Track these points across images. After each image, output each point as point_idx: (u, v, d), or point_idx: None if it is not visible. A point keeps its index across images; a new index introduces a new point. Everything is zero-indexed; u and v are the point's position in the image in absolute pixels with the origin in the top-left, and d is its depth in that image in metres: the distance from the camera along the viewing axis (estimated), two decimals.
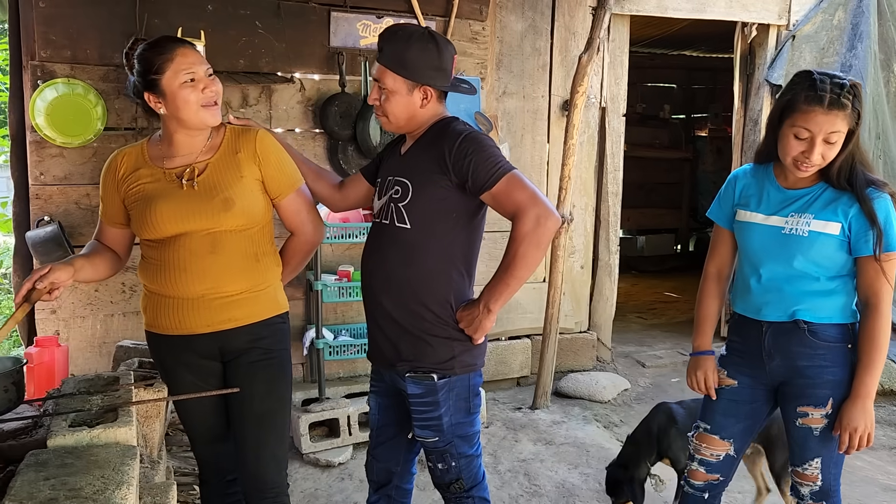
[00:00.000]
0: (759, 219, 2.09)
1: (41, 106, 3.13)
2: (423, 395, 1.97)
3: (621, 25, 4.56)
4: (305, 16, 3.66)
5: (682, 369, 4.87)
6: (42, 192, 3.28)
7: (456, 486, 2.05)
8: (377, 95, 1.95)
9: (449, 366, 1.96)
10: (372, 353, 2.12)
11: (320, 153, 3.80)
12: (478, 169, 1.85)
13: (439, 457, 2.04)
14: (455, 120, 1.99)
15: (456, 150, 1.87)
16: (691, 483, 2.29)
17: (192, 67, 1.90)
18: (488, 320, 1.92)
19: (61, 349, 2.59)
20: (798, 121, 1.93)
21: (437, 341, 1.96)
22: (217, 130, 2.03)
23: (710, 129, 9.02)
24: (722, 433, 2.21)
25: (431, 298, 1.95)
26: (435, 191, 1.91)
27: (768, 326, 2.08)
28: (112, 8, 3.27)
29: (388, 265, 1.97)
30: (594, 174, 4.65)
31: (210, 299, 1.97)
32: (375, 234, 2.05)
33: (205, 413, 2.12)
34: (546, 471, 3.37)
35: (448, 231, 1.95)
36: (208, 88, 1.92)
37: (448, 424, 1.99)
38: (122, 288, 3.47)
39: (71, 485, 1.43)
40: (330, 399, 3.66)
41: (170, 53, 1.89)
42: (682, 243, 9.12)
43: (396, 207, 1.95)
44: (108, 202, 2.04)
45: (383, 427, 2.16)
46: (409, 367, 1.97)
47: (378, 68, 1.93)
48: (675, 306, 6.74)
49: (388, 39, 1.92)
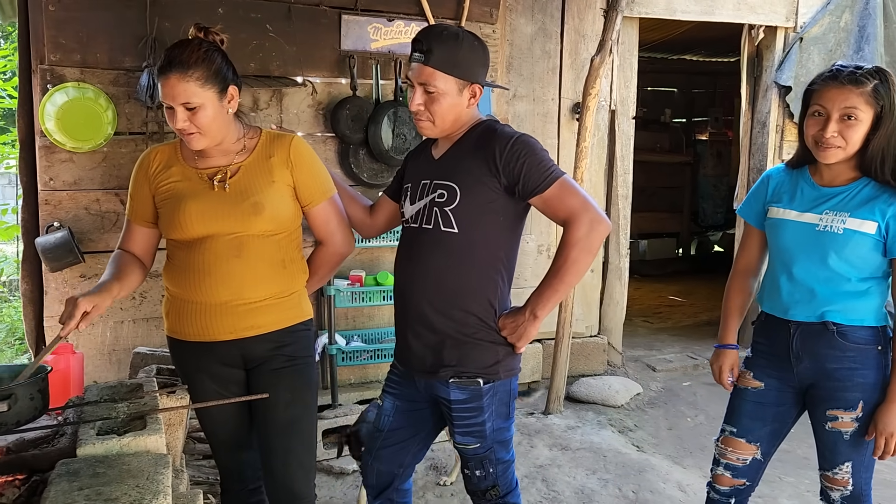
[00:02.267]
0: (793, 216, 2.05)
1: (51, 110, 3.09)
2: (468, 401, 1.92)
3: (630, 28, 4.55)
4: (316, 19, 3.63)
5: (692, 373, 4.87)
6: (51, 198, 3.24)
7: (492, 492, 2.00)
8: (422, 100, 1.87)
9: (493, 370, 1.92)
10: (406, 361, 2.04)
11: (331, 157, 3.77)
12: (530, 172, 1.83)
13: (478, 464, 1.99)
14: (497, 122, 1.97)
15: (508, 152, 1.83)
16: (717, 489, 2.24)
17: (167, 100, 1.83)
18: (534, 327, 1.89)
19: (76, 357, 2.53)
20: (814, 99, 1.95)
21: (481, 346, 1.91)
22: (252, 133, 2.00)
23: (710, 132, 9.06)
24: (749, 436, 2.17)
25: (477, 303, 1.91)
26: (484, 193, 1.86)
27: (796, 327, 2.04)
28: (122, 11, 3.24)
29: (434, 270, 1.91)
30: (604, 177, 4.64)
31: (233, 306, 1.93)
32: (412, 238, 1.98)
33: (228, 421, 2.08)
34: (564, 476, 3.33)
35: (494, 235, 1.91)
36: (176, 122, 1.83)
37: (490, 430, 1.95)
38: (132, 295, 3.42)
39: (106, 495, 1.39)
40: (342, 405, 3.62)
41: (161, 75, 1.83)
42: (684, 247, 9.12)
43: (442, 211, 1.89)
44: (137, 199, 2.00)
45: (396, 430, 2.11)
46: (452, 372, 1.91)
47: (426, 71, 1.84)
48: (680, 310, 6.73)
49: (436, 40, 1.84)
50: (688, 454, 3.65)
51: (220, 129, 1.89)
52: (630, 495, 3.16)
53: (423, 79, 1.85)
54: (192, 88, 1.80)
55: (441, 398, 1.96)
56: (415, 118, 1.92)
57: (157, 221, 2.00)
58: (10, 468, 1.71)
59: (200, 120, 1.83)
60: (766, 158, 4.96)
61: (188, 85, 1.80)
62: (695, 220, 9.13)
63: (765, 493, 3.11)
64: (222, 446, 2.13)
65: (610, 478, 3.31)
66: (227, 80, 1.88)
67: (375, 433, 2.13)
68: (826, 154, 1.95)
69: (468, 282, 1.90)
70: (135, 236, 2.03)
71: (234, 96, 1.91)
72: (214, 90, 1.84)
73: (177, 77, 1.79)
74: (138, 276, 1.99)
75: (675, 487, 3.23)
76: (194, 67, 1.80)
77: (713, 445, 2.29)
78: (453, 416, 1.95)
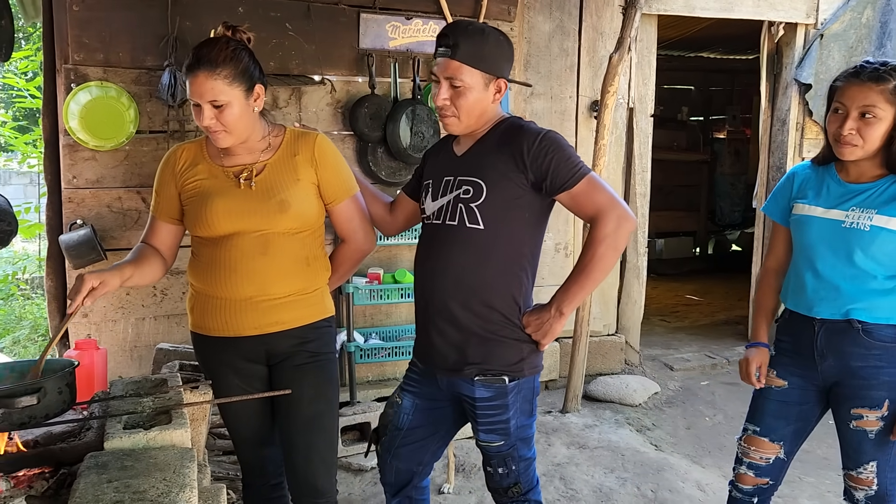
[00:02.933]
0: (819, 212, 2.04)
1: (75, 109, 3.13)
2: (493, 399, 1.92)
3: (649, 25, 4.53)
4: (335, 17, 3.65)
5: (710, 372, 4.85)
6: (75, 196, 3.27)
7: (514, 490, 2.00)
8: (447, 94, 1.86)
9: (518, 368, 1.92)
10: (428, 358, 2.04)
11: (349, 155, 3.79)
12: (559, 168, 1.83)
13: (501, 461, 1.98)
14: (521, 118, 1.97)
15: (536, 148, 1.83)
16: (739, 487, 2.24)
17: (194, 98, 1.85)
18: (559, 324, 1.89)
19: (100, 353, 2.56)
20: (836, 96, 1.96)
21: (506, 343, 1.92)
22: (277, 131, 2.01)
23: (728, 131, 8.98)
24: (772, 435, 2.16)
25: (501, 300, 1.91)
26: (510, 189, 1.86)
27: (821, 325, 2.03)
28: (144, 11, 3.27)
29: (459, 268, 1.91)
30: (622, 175, 4.62)
31: (258, 301, 1.95)
32: (434, 235, 1.97)
33: (251, 416, 2.10)
34: (581, 475, 3.33)
35: (519, 231, 1.91)
36: (203, 119, 1.86)
37: (514, 428, 1.95)
38: (153, 292, 3.46)
39: (134, 487, 1.41)
40: (360, 402, 3.63)
41: (189, 73, 1.85)
42: (701, 246, 9.07)
43: (467, 208, 1.88)
44: (162, 195, 2.02)
45: (415, 428, 2.10)
46: (477, 370, 1.91)
47: (452, 65, 1.83)
48: (697, 309, 6.69)
49: (462, 35, 1.84)
50: (706, 453, 3.63)
51: (245, 127, 1.91)
52: (648, 494, 3.15)
53: (449, 73, 1.84)
54: (219, 86, 1.82)
55: (465, 396, 1.96)
56: (440, 114, 1.91)
57: (181, 218, 2.03)
58: (39, 461, 1.74)
59: (227, 118, 1.85)
60: (785, 157, 4.92)
61: (215, 83, 1.82)
62: (712, 218, 9.07)
63: (785, 494, 3.09)
64: (245, 442, 2.14)
65: (628, 476, 3.31)
66: (253, 79, 1.90)
67: (394, 431, 2.12)
68: (844, 151, 1.95)
69: (493, 278, 1.90)
70: (158, 232, 2.04)
71: (260, 95, 1.93)
72: (241, 88, 1.86)
73: (205, 75, 1.81)
74: (158, 268, 2.01)
75: (694, 487, 3.22)
76: (222, 66, 1.82)
77: (734, 444, 2.28)
78: (477, 414, 1.95)
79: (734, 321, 6.07)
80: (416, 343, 2.10)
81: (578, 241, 4.29)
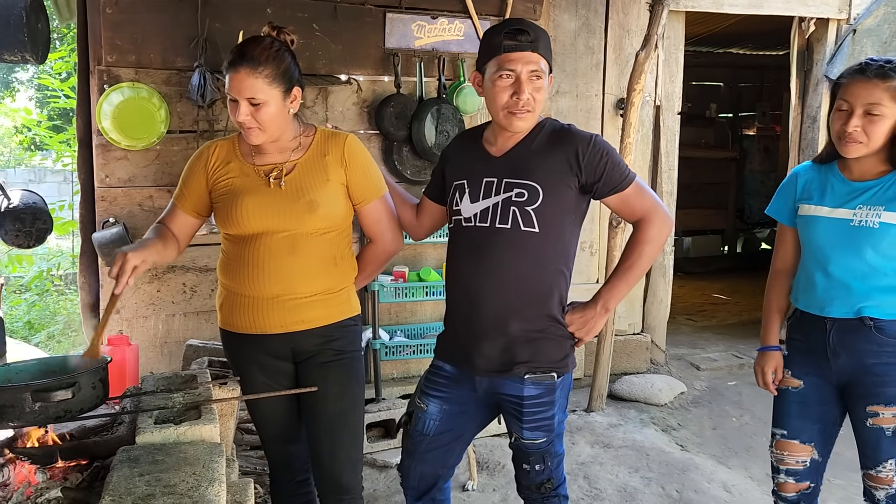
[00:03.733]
0: (825, 212, 2.03)
1: (107, 110, 3.19)
2: (542, 396, 1.93)
3: (676, 22, 4.50)
4: (361, 17, 3.68)
5: (737, 372, 4.80)
6: (107, 195, 3.35)
7: (547, 485, 2.02)
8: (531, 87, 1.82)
9: (563, 364, 1.95)
10: (466, 361, 1.99)
11: (375, 154, 3.81)
12: (612, 171, 1.88)
13: (539, 458, 1.99)
14: (557, 121, 1.99)
15: (591, 151, 1.87)
16: (783, 496, 2.21)
17: (233, 93, 1.88)
18: (602, 320, 1.95)
19: (132, 348, 2.61)
20: (840, 93, 1.94)
21: (553, 341, 1.94)
22: (308, 131, 2.04)
23: (757, 128, 8.88)
24: (801, 437, 2.14)
25: (553, 302, 1.93)
26: (565, 193, 1.89)
27: (833, 323, 2.02)
28: (175, 13, 3.32)
29: (516, 270, 1.89)
30: (648, 173, 4.60)
31: (284, 300, 1.98)
32: (481, 237, 1.92)
33: (278, 413, 2.13)
34: (606, 474, 3.33)
35: (568, 233, 1.94)
36: (239, 114, 1.88)
37: (557, 423, 1.98)
38: (182, 288, 3.52)
39: (165, 481, 1.45)
40: (385, 400, 3.66)
41: (231, 68, 1.87)
42: (729, 244, 8.97)
43: (522, 211, 1.87)
44: (190, 187, 2.04)
45: (442, 433, 2.08)
46: (527, 368, 1.91)
47: (534, 57, 1.81)
48: (725, 308, 6.63)
49: (538, 30, 1.84)
50: (733, 454, 3.60)
51: (279, 126, 1.94)
52: (674, 494, 3.14)
53: (533, 65, 1.82)
54: (259, 85, 1.85)
55: (510, 396, 1.95)
56: (518, 110, 1.85)
57: (203, 213, 2.06)
58: (74, 454, 1.79)
59: (262, 116, 1.88)
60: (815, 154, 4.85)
61: (256, 81, 1.85)
62: (741, 216, 8.96)
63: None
64: (272, 438, 2.18)
65: (653, 476, 3.30)
66: (292, 81, 1.93)
67: (419, 437, 2.08)
68: (848, 148, 1.94)
69: (547, 281, 1.92)
70: (177, 219, 2.06)
71: (297, 97, 1.96)
72: (280, 89, 1.89)
73: (246, 72, 1.84)
74: (174, 250, 2.03)
75: (720, 487, 3.20)
76: (264, 65, 1.85)
77: (762, 445, 2.28)
78: (524, 413, 1.94)
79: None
80: (447, 346, 2.07)
81: (604, 240, 4.28)
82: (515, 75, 1.82)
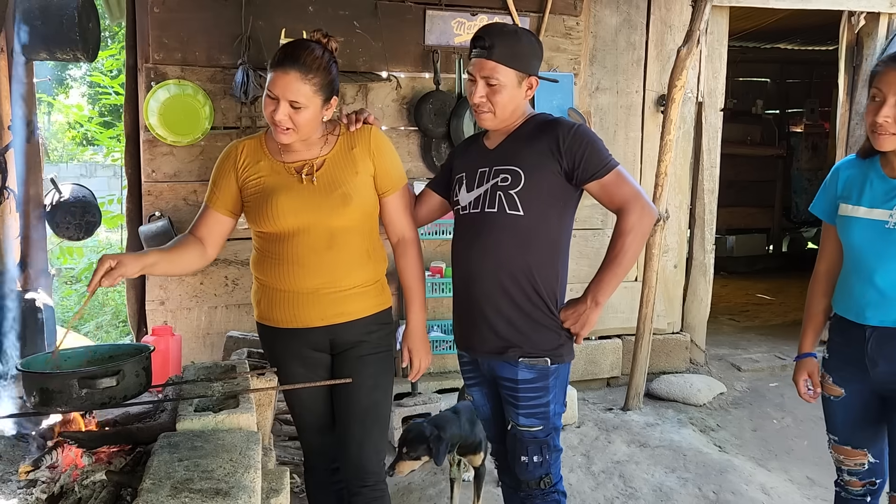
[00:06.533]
0: (862, 212, 1.93)
1: (154, 106, 3.29)
2: (535, 381, 2.00)
3: (720, 17, 4.42)
4: (401, 15, 3.71)
5: (780, 374, 4.71)
6: (153, 189, 3.44)
7: (545, 480, 2.07)
8: (483, 92, 1.97)
9: (558, 353, 2.02)
10: (470, 345, 2.12)
11: (414, 150, 3.84)
12: (591, 157, 1.95)
13: (537, 448, 2.05)
14: (551, 115, 2.08)
15: (571, 138, 1.95)
16: (849, 490, 2.15)
17: (275, 89, 1.89)
18: (595, 314, 1.98)
19: (175, 338, 2.70)
20: (874, 83, 1.85)
21: (546, 329, 2.01)
22: (333, 126, 2.07)
23: (805, 124, 8.65)
24: (852, 443, 2.08)
25: (543, 286, 2.00)
26: (546, 177, 1.97)
27: (872, 331, 1.92)
28: (220, 11, 3.40)
29: (503, 251, 1.99)
30: (689, 171, 4.53)
31: (324, 293, 2.01)
32: (473, 223, 2.04)
33: (315, 403, 2.16)
34: (642, 473, 3.30)
35: (556, 220, 2.01)
36: (276, 113, 1.89)
37: (552, 413, 2.04)
38: (224, 281, 3.60)
39: (203, 466, 1.49)
40: (422, 394, 3.69)
41: (279, 68, 1.89)
42: (775, 244, 8.79)
43: (507, 195, 1.97)
44: (221, 187, 2.06)
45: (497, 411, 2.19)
46: (520, 352, 2.00)
47: (488, 65, 1.95)
48: (769, 309, 6.50)
49: (497, 36, 1.95)
50: (773, 457, 3.54)
51: (311, 130, 1.98)
52: (710, 496, 3.10)
53: (486, 72, 1.95)
54: (305, 90, 1.88)
55: (506, 379, 2.04)
56: (476, 110, 2.02)
57: (236, 212, 2.08)
58: (118, 439, 1.86)
59: (300, 119, 1.91)
60: None
61: (304, 86, 1.88)
62: (787, 215, 8.76)
63: None
64: (308, 428, 2.22)
65: (689, 477, 3.26)
66: (333, 91, 1.97)
67: (485, 423, 2.27)
68: (880, 141, 1.84)
69: (535, 264, 1.99)
70: (209, 222, 2.08)
71: (332, 106, 2.00)
72: (322, 97, 1.93)
73: (297, 76, 1.87)
74: (194, 259, 2.04)
75: (759, 490, 3.15)
76: (315, 73, 1.89)
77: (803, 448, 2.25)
78: (519, 397, 2.02)
79: None
80: (458, 331, 2.18)
81: None
82: (476, 80, 1.98)
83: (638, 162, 4.35)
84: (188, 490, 1.39)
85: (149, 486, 1.40)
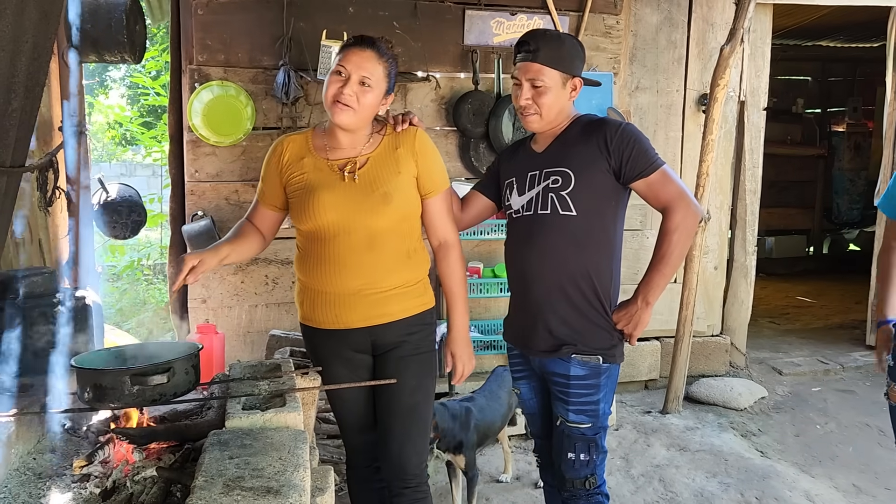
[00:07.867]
0: None
1: (198, 107, 3.33)
2: (587, 378, 2.03)
3: (763, 15, 4.34)
4: (441, 15, 3.71)
5: (823, 378, 4.62)
6: (196, 189, 3.49)
7: (590, 480, 2.08)
8: (529, 94, 2.01)
9: (611, 353, 2.05)
10: (524, 342, 2.15)
11: (452, 150, 3.84)
12: (638, 156, 1.97)
13: (585, 446, 2.06)
14: (597, 116, 2.10)
15: (619, 136, 1.98)
16: None
17: (348, 65, 1.92)
18: (647, 314, 2.01)
19: (218, 337, 2.74)
20: None
21: (600, 329, 2.05)
22: (378, 126, 2.08)
23: (847, 124, 8.46)
24: None
25: (600, 287, 2.03)
26: (595, 176, 1.99)
27: None
28: (262, 13, 3.44)
29: (560, 253, 2.02)
30: (731, 171, 4.47)
31: (366, 294, 2.01)
32: (527, 226, 2.08)
33: (357, 404, 2.17)
34: (682, 478, 3.26)
35: (608, 219, 2.04)
36: (345, 87, 1.91)
37: (602, 412, 2.06)
38: (265, 280, 3.64)
39: (253, 465, 1.51)
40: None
41: (358, 47, 1.94)
42: (815, 245, 8.61)
43: (559, 196, 2.01)
44: (268, 184, 2.10)
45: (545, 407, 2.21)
46: (574, 349, 2.03)
47: (533, 67, 2.00)
48: (810, 311, 6.37)
49: (541, 39, 2.01)
50: (816, 463, 3.47)
51: (365, 117, 1.99)
52: (753, 501, 3.05)
53: (531, 74, 2.00)
54: (378, 70, 1.94)
55: (558, 375, 2.06)
56: (522, 113, 2.06)
57: (283, 207, 2.11)
58: (167, 436, 1.89)
59: (365, 98, 1.93)
60: None
61: (377, 66, 1.93)
62: (828, 216, 8.58)
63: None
64: (350, 427, 2.23)
65: (731, 482, 3.21)
66: (391, 87, 2.02)
67: (531, 419, 2.31)
68: None
69: (590, 264, 2.02)
70: (261, 215, 2.14)
71: (387, 103, 2.03)
72: (386, 85, 1.98)
73: (373, 54, 1.93)
74: (256, 245, 2.12)
75: (803, 496, 3.09)
76: (387, 59, 1.96)
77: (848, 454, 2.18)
78: (570, 392, 2.04)
79: (850, 325, 5.73)
80: (510, 328, 2.23)
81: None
82: (521, 83, 2.03)
83: (678, 162, 4.29)
84: (240, 488, 1.41)
85: (201, 484, 1.42)
